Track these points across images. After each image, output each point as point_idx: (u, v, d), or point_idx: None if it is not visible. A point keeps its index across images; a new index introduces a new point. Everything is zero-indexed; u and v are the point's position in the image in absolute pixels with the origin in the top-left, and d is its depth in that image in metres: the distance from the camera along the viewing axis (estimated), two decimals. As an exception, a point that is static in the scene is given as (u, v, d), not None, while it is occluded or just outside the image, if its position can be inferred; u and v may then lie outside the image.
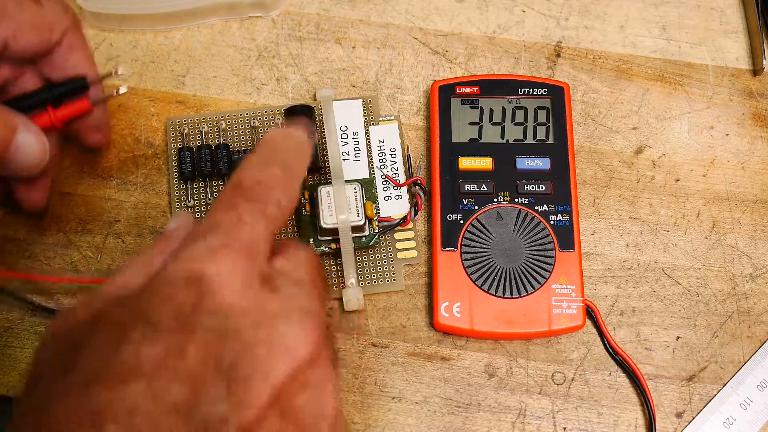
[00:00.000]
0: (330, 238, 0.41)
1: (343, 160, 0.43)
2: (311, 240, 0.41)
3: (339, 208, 0.40)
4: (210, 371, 0.23)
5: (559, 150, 0.43)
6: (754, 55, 0.47)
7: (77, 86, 0.38)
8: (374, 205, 0.42)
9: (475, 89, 0.44)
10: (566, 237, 0.41)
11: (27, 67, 0.38)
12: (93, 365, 0.24)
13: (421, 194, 0.42)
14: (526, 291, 0.40)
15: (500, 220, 0.41)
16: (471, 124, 0.43)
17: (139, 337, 0.24)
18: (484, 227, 0.41)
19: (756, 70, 0.47)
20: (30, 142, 0.36)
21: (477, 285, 0.40)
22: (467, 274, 0.40)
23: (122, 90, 0.40)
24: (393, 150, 0.44)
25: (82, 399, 0.23)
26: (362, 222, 0.40)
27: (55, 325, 0.27)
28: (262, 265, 0.27)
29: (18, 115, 0.36)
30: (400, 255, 0.42)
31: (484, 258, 0.40)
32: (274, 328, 0.25)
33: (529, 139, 0.43)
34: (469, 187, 0.42)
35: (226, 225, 0.27)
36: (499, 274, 0.40)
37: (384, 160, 0.43)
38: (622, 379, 0.40)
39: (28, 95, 0.38)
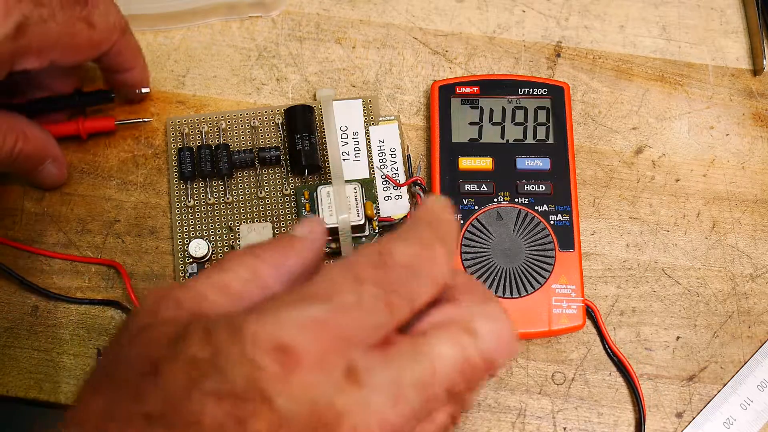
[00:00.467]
0: (330, 238, 0.41)
1: (343, 160, 0.43)
2: (311, 240, 0.41)
3: (339, 208, 0.40)
4: None
5: (559, 150, 0.43)
6: (754, 55, 0.47)
7: (103, 97, 0.43)
8: (374, 205, 0.42)
9: (475, 89, 0.44)
10: (566, 237, 0.41)
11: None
12: (160, 401, 0.23)
13: (421, 194, 0.42)
14: (526, 291, 0.40)
15: (500, 220, 0.41)
16: (471, 124, 0.43)
17: (211, 387, 0.23)
18: (484, 227, 0.41)
19: (756, 70, 0.47)
20: (53, 173, 0.41)
21: (477, 285, 0.40)
22: (467, 274, 0.40)
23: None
24: (393, 150, 0.44)
25: (140, 430, 0.23)
26: (362, 222, 0.40)
27: (143, 319, 0.26)
28: (355, 357, 0.24)
29: (53, 146, 0.41)
30: (400, 255, 0.42)
31: (484, 258, 0.40)
32: (335, 430, 0.23)
33: (529, 139, 0.43)
34: (469, 187, 0.42)
35: (342, 300, 0.24)
36: (499, 274, 0.40)
37: (384, 160, 0.43)
38: (622, 379, 0.40)
39: (58, 99, 0.42)
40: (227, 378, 0.23)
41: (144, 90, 0.44)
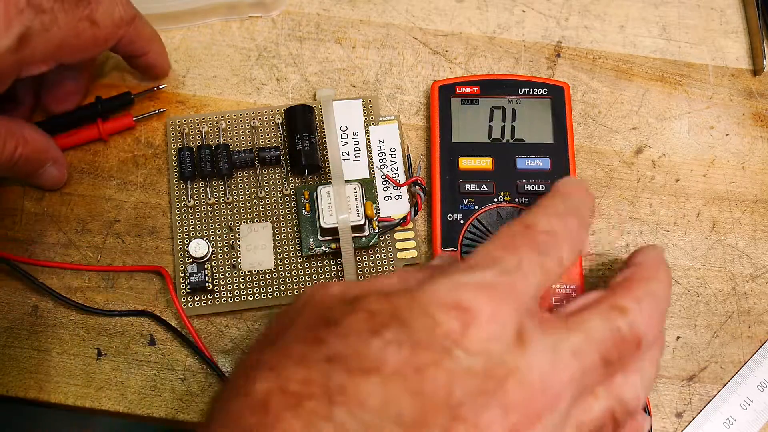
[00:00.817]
0: (330, 238, 0.41)
1: (343, 160, 0.43)
2: (311, 240, 0.41)
3: (339, 208, 0.40)
4: (440, 401, 0.24)
5: (559, 150, 0.43)
6: (754, 55, 0.47)
7: (124, 101, 0.44)
8: (374, 205, 0.42)
9: (475, 89, 0.44)
10: (566, 237, 0.41)
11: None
12: (340, 345, 0.24)
13: (421, 194, 0.42)
14: (526, 291, 0.40)
15: (500, 220, 0.41)
16: (471, 123, 0.43)
17: (391, 336, 0.24)
18: (485, 227, 0.41)
19: (756, 70, 0.47)
20: (54, 175, 0.41)
21: (477, 285, 0.40)
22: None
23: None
24: (393, 150, 0.44)
25: (321, 371, 0.24)
26: (362, 222, 0.40)
27: (311, 293, 0.28)
28: (523, 319, 0.26)
29: (53, 148, 0.41)
30: (400, 255, 0.42)
31: (484, 258, 0.40)
32: (502, 386, 0.25)
33: (529, 139, 0.43)
34: (469, 186, 0.42)
35: (504, 266, 0.27)
36: (499, 274, 0.40)
37: (384, 160, 0.43)
38: (622, 379, 0.40)
39: (81, 110, 0.43)
40: (409, 328, 0.24)
41: (161, 86, 0.44)
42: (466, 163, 0.42)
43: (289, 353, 0.25)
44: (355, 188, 0.41)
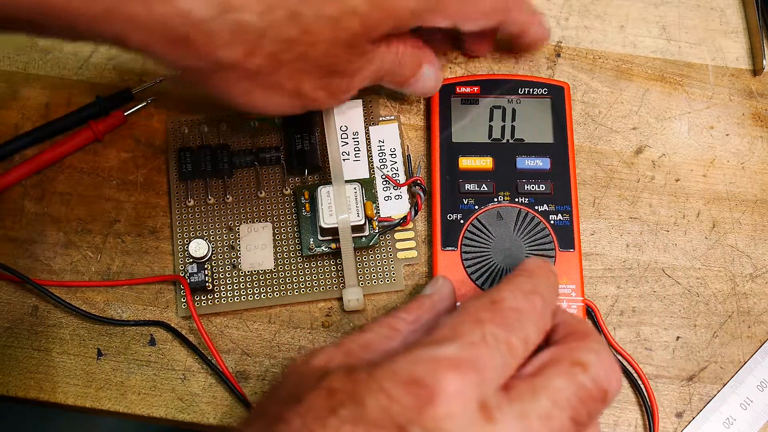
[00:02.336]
0: (330, 238, 0.41)
1: (343, 160, 0.43)
2: (311, 240, 0.41)
3: (339, 208, 0.40)
4: None
5: (559, 150, 0.43)
6: (754, 55, 0.47)
7: (124, 97, 0.44)
8: (374, 205, 0.42)
9: (475, 89, 0.44)
10: (566, 237, 0.41)
11: None
12: (298, 424, 0.25)
13: (421, 194, 0.42)
14: (526, 291, 0.40)
15: (500, 220, 0.41)
16: (471, 123, 0.43)
17: (347, 415, 0.24)
18: (484, 227, 0.41)
19: (756, 70, 0.47)
20: (430, 76, 0.41)
21: (477, 285, 0.40)
22: (467, 273, 0.40)
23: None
24: (393, 150, 0.44)
25: None
26: (362, 222, 0.40)
27: (295, 365, 0.29)
28: (487, 393, 0.26)
29: (425, 51, 0.40)
30: (400, 255, 0.42)
31: (484, 258, 0.40)
32: None
33: (529, 139, 0.43)
34: (469, 186, 0.42)
35: (467, 340, 0.26)
36: (499, 273, 0.40)
37: (384, 160, 0.43)
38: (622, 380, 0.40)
39: (81, 110, 0.43)
40: (363, 407, 0.24)
41: (159, 80, 0.45)
42: (465, 163, 0.42)
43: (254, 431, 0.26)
44: (355, 188, 0.41)
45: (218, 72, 0.33)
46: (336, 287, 0.41)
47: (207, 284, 0.40)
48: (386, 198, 0.42)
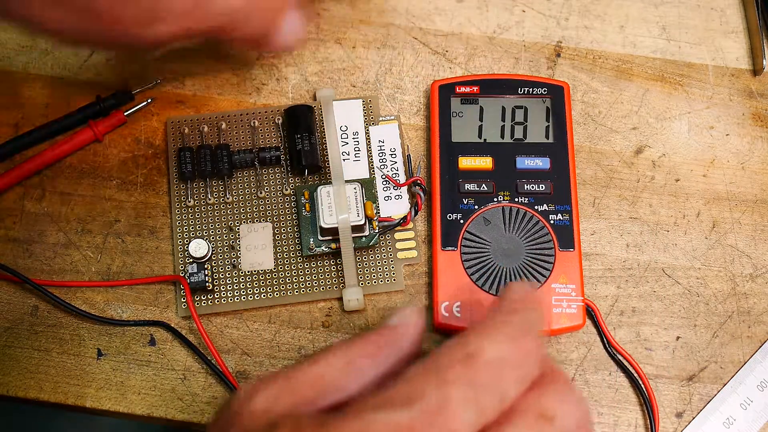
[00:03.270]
0: (330, 238, 0.41)
1: (343, 160, 0.43)
2: (311, 240, 0.41)
3: (339, 208, 0.40)
4: None
5: (559, 150, 0.43)
6: (754, 55, 0.47)
7: (124, 97, 0.44)
8: (374, 205, 0.42)
9: (475, 89, 0.44)
10: (566, 236, 0.41)
11: None
12: None
13: (421, 194, 0.42)
14: (526, 291, 0.40)
15: (500, 220, 0.41)
16: (471, 123, 0.43)
17: None
18: (484, 227, 0.41)
19: (756, 70, 0.47)
20: (294, 28, 0.36)
21: (477, 284, 0.40)
22: (467, 273, 0.40)
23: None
24: (393, 150, 0.44)
25: None
26: (362, 222, 0.40)
27: (234, 408, 0.26)
28: None
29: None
30: (400, 255, 0.42)
31: (484, 257, 0.40)
32: None
33: (529, 139, 0.43)
34: (469, 186, 0.42)
35: (426, 405, 0.24)
36: (499, 273, 0.40)
37: (384, 160, 0.43)
38: (622, 379, 0.40)
39: (81, 109, 0.43)
40: None
41: (158, 81, 0.44)
42: (465, 162, 0.42)
43: None
44: (355, 188, 0.41)
45: None
46: (336, 287, 0.41)
47: (207, 284, 0.40)
48: (386, 198, 0.42)
